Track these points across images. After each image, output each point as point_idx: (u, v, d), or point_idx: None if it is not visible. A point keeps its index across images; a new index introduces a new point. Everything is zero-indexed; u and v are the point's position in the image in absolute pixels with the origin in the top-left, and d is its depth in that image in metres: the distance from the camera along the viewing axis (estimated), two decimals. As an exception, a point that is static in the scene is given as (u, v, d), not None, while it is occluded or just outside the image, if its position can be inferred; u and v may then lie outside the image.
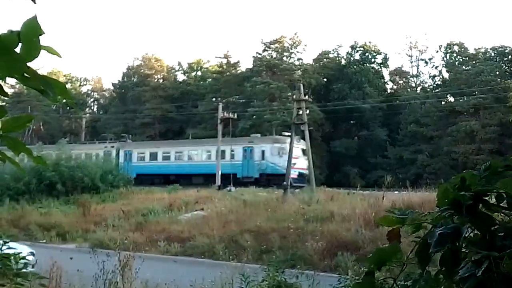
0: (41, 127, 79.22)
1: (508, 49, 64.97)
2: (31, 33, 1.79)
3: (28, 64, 1.79)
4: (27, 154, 2.18)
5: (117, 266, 10.74)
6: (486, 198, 1.91)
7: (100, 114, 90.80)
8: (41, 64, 79.42)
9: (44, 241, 27.32)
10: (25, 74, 1.82)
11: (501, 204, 1.88)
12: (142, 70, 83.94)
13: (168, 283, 11.82)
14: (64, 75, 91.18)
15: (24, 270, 6.01)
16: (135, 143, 59.98)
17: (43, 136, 71.28)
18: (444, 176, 37.68)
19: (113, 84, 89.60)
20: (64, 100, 2.08)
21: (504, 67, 65.62)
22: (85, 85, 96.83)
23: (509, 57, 64.06)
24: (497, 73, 64.48)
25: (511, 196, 1.86)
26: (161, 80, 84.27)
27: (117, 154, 55.45)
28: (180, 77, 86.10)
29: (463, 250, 1.84)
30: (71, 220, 30.71)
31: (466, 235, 1.83)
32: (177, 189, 41.40)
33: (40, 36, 1.81)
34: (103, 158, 51.61)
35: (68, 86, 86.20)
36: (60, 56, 1.99)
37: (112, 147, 56.99)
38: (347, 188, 36.18)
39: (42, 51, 1.87)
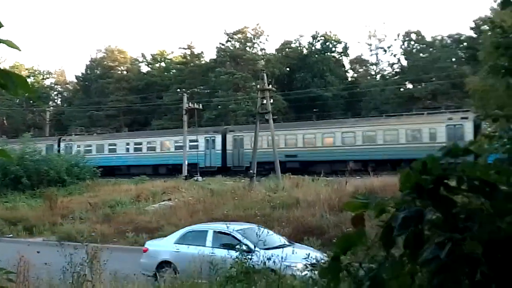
0: (4, 121, 77.55)
1: (463, 36, 66.19)
2: (-13, 26, 1.73)
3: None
4: (-11, 149, 2.12)
5: (85, 258, 10.60)
6: (447, 181, 1.93)
7: (64, 107, 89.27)
8: (2, 58, 77.73)
9: (11, 235, 26.79)
10: (-17, 68, 1.77)
11: (462, 187, 1.90)
12: (106, 62, 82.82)
13: (137, 273, 11.74)
14: (27, 69, 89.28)
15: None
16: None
17: (7, 130, 69.81)
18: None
19: (77, 77, 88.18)
20: (27, 94, 2.03)
21: (460, 53, 66.85)
22: (48, 78, 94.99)
23: (465, 44, 65.22)
24: (454, 59, 65.72)
25: (472, 178, 1.88)
26: (125, 72, 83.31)
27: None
28: (144, 68, 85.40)
29: (426, 232, 1.85)
30: (37, 214, 30.13)
31: (429, 218, 1.85)
32: (144, 180, 41.06)
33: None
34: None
35: (31, 79, 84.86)
36: (20, 50, 1.93)
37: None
38: (312, 174, 36.41)
39: (1, 44, 1.82)
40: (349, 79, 75.43)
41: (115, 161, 52.37)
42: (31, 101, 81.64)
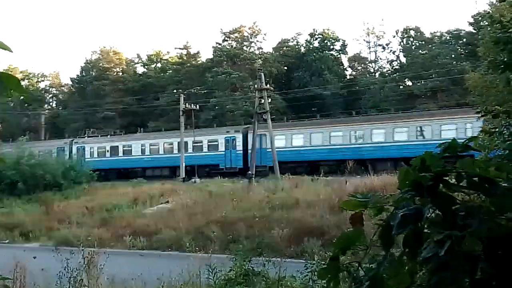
0: (-1, 125, 77.47)
1: (463, 32, 66.21)
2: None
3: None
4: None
5: (81, 263, 10.58)
6: (446, 178, 1.93)
7: (60, 110, 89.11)
8: (-4, 61, 77.59)
9: (7, 241, 26.79)
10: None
11: (461, 184, 1.90)
12: (101, 64, 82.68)
13: (134, 277, 11.72)
14: (21, 72, 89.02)
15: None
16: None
17: (2, 134, 69.64)
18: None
19: (72, 79, 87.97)
20: (22, 97, 2.02)
21: (459, 50, 66.93)
22: (43, 81, 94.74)
23: (464, 40, 65.27)
24: (453, 56, 65.77)
25: (471, 175, 1.88)
26: (120, 73, 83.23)
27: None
28: (140, 69, 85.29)
29: (426, 230, 1.85)
30: (34, 219, 30.12)
31: (428, 215, 1.85)
32: (142, 183, 41.06)
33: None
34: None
35: (26, 82, 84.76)
36: (12, 51, 1.93)
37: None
38: (311, 175, 36.41)
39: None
40: (348, 77, 75.40)
41: (131, 163, 50.91)
42: (26, 104, 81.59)
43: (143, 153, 51.04)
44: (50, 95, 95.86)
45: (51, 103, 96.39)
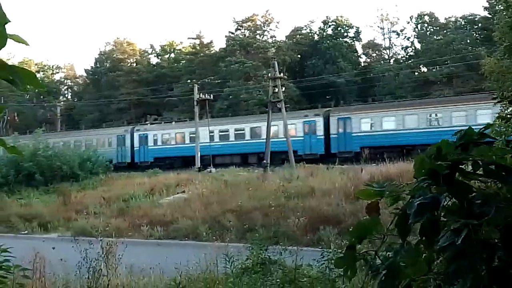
0: (16, 117, 78.02)
1: (478, 17, 65.45)
2: (-5, 22, 1.74)
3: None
4: (1, 145, 2.15)
5: (100, 253, 10.69)
6: (463, 166, 1.92)
7: (75, 101, 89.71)
8: (11, 54, 78.18)
9: (26, 232, 27.10)
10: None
11: (478, 172, 1.90)
12: (115, 55, 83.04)
13: (152, 267, 11.82)
14: (36, 64, 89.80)
15: (6, 263, 5.94)
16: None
17: (18, 126, 70.29)
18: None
19: (86, 71, 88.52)
20: (36, 90, 2.05)
21: (474, 35, 66.19)
22: (57, 73, 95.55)
23: (479, 25, 64.53)
24: (468, 41, 65.05)
25: (487, 163, 1.88)
26: (134, 64, 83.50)
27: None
28: (154, 60, 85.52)
29: (442, 219, 1.86)
30: (51, 210, 30.45)
31: (445, 204, 1.85)
32: (157, 173, 41.25)
33: (6, 25, 1.76)
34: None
35: (41, 74, 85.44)
36: (28, 44, 1.95)
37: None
38: (326, 163, 36.34)
39: (9, 40, 1.83)
40: (362, 64, 74.99)
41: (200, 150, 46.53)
42: (41, 97, 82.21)
43: (211, 139, 47.58)
44: (65, 87, 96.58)
45: (66, 95, 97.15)
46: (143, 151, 52.77)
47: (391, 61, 75.37)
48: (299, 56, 72.49)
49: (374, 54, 78.42)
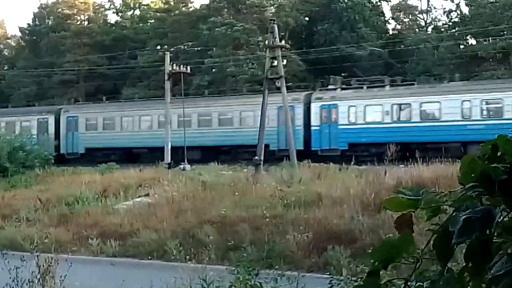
0: None
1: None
2: None
3: None
4: None
5: (35, 273, 10.69)
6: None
7: (5, 70, 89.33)
8: None
9: None
10: None
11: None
12: (60, 10, 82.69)
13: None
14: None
15: None
16: None
17: None
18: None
19: (21, 30, 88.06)
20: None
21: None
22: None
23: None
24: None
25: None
26: (85, 23, 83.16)
27: None
28: (112, 18, 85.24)
29: (496, 239, 1.86)
30: (-30, 214, 30.39)
31: (500, 220, 1.85)
32: (112, 168, 41.17)
33: None
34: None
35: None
36: None
37: None
38: (338, 162, 36.47)
39: None
40: (391, 32, 75.15)
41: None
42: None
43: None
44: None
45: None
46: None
47: (429, 29, 75.52)
48: (306, 18, 72.43)
49: (407, 20, 78.58)
